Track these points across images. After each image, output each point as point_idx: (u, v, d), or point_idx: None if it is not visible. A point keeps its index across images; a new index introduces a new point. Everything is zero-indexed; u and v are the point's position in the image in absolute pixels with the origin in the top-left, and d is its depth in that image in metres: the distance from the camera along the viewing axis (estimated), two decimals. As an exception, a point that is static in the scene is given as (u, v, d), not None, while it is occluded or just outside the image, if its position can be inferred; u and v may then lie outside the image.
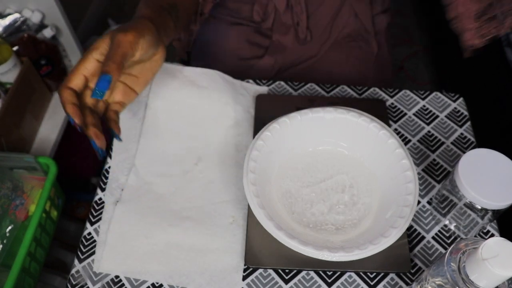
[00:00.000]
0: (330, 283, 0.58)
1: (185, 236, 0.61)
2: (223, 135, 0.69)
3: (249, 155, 0.60)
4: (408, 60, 1.88)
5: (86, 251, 0.61)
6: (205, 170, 0.67)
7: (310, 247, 0.53)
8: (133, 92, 0.60)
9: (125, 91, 0.59)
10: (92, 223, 0.63)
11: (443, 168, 0.68)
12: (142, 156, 0.67)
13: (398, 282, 0.59)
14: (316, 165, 0.66)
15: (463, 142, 0.71)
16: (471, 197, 0.54)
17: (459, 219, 0.60)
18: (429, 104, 0.75)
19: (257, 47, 0.90)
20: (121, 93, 0.59)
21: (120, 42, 0.52)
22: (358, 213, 0.61)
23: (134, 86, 0.60)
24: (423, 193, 0.66)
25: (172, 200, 0.64)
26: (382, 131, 0.63)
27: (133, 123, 0.70)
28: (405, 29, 1.96)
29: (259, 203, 0.56)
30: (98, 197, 0.65)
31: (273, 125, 0.63)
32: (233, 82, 0.74)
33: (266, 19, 0.87)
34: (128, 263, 0.59)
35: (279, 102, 0.73)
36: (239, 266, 0.59)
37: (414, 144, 0.71)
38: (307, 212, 0.61)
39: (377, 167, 0.64)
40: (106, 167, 0.68)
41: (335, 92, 0.77)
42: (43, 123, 1.00)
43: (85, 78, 0.54)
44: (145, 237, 0.61)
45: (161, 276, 0.58)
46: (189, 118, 0.70)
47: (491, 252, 0.40)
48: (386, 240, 0.54)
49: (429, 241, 0.62)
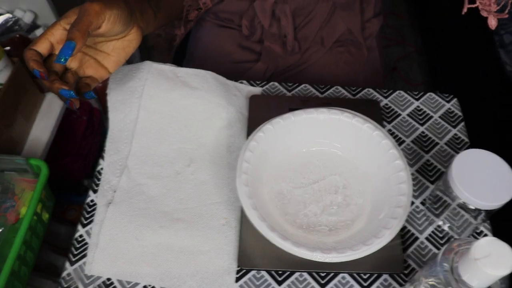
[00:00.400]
0: (324, 284, 0.58)
1: (177, 238, 0.60)
2: (216, 136, 0.69)
3: (243, 156, 0.60)
4: (402, 61, 1.88)
5: (77, 253, 0.60)
6: (197, 172, 0.66)
7: (303, 248, 0.53)
8: (104, 69, 0.61)
9: (95, 66, 0.60)
10: (84, 225, 0.63)
11: (437, 169, 0.68)
12: (134, 158, 0.67)
13: (391, 283, 0.58)
14: (309, 166, 0.65)
15: (456, 142, 0.71)
16: (464, 197, 0.54)
17: (452, 220, 0.60)
18: (423, 104, 0.75)
19: (249, 52, 0.90)
20: (91, 67, 0.60)
21: (86, 10, 0.54)
22: (351, 214, 0.61)
23: (105, 63, 0.61)
24: (416, 194, 0.66)
25: (163, 201, 0.64)
26: (375, 131, 0.63)
27: (125, 124, 0.69)
28: (398, 30, 1.96)
29: (252, 204, 0.56)
30: (90, 199, 0.65)
31: (266, 126, 0.63)
32: (227, 83, 0.74)
33: (254, 32, 0.87)
34: (119, 265, 0.58)
35: (272, 103, 0.73)
36: (231, 268, 0.59)
37: (408, 145, 0.71)
38: (300, 213, 0.61)
39: (370, 168, 0.64)
40: (99, 169, 0.67)
41: (328, 93, 0.76)
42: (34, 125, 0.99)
43: (51, 44, 0.56)
44: (136, 239, 0.60)
45: (152, 278, 0.58)
46: (182, 119, 0.69)
47: (483, 252, 0.40)
48: (379, 241, 0.54)
49: (422, 242, 0.62)
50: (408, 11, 2.03)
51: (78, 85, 0.59)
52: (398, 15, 2.01)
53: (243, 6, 0.85)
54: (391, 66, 1.85)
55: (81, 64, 0.60)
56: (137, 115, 0.69)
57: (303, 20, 0.85)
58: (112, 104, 0.69)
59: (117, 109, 0.69)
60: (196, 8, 0.85)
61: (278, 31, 0.86)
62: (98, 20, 0.54)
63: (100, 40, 0.60)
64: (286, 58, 0.88)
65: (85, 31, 0.53)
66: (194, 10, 0.85)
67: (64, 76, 0.58)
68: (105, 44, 0.61)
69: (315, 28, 0.86)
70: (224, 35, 0.91)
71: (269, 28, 0.85)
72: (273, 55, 0.88)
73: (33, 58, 0.54)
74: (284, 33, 0.85)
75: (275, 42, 0.87)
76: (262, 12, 0.83)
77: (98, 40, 0.60)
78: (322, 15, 0.85)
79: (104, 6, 0.54)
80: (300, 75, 0.89)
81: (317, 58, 0.89)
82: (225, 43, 0.91)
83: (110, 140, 0.69)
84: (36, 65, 0.53)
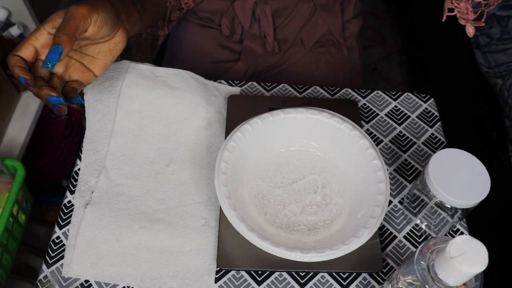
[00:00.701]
0: (303, 283, 0.58)
1: (157, 239, 0.60)
2: (195, 136, 0.69)
3: (221, 156, 0.60)
4: (382, 61, 1.90)
5: (54, 255, 0.60)
6: (177, 172, 0.66)
7: (282, 248, 0.53)
8: (90, 72, 0.60)
9: (82, 70, 0.59)
10: (61, 226, 0.62)
11: (415, 168, 0.69)
12: (112, 158, 0.66)
13: (370, 281, 0.59)
14: (289, 165, 0.65)
15: (433, 142, 0.72)
16: (441, 196, 0.55)
17: (430, 218, 0.61)
18: (400, 104, 0.76)
19: (229, 51, 0.89)
20: (77, 71, 0.59)
21: (73, 13, 0.52)
22: (330, 213, 0.62)
23: (91, 67, 0.60)
24: (394, 193, 0.67)
25: (143, 202, 0.63)
26: (353, 131, 0.63)
27: (103, 124, 0.69)
28: (378, 31, 1.98)
29: (231, 204, 0.56)
30: (67, 200, 0.64)
31: (244, 126, 0.63)
32: (205, 83, 0.73)
33: (235, 32, 0.87)
34: (98, 267, 0.58)
35: (251, 103, 0.73)
36: (211, 268, 0.58)
37: (386, 144, 0.72)
38: (279, 213, 0.61)
39: (349, 167, 0.64)
40: (76, 169, 0.66)
41: (307, 93, 0.77)
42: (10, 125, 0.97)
43: (35, 49, 0.54)
44: (116, 240, 0.59)
45: (132, 280, 0.57)
46: (161, 119, 0.69)
47: (458, 250, 0.41)
48: (357, 240, 0.54)
49: (400, 241, 0.63)
50: (388, 11, 2.05)
51: (65, 90, 0.58)
52: (378, 16, 2.03)
53: (224, 6, 0.85)
54: (371, 66, 1.86)
55: (66, 68, 0.59)
56: (114, 115, 0.68)
57: (283, 21, 0.86)
58: (89, 104, 0.68)
59: (95, 109, 0.68)
60: (179, 8, 0.85)
61: (259, 31, 0.86)
62: (85, 24, 0.53)
63: (86, 43, 0.59)
64: (267, 58, 0.89)
65: (72, 35, 0.52)
66: (176, 10, 0.85)
67: (50, 81, 0.57)
68: (91, 47, 0.60)
69: (295, 29, 0.87)
70: (205, 34, 0.90)
71: (249, 28, 0.85)
72: (253, 55, 0.88)
73: (18, 65, 0.52)
74: (264, 33, 0.86)
75: (255, 42, 0.87)
76: (243, 13, 0.83)
77: (83, 43, 0.59)
78: (302, 16, 0.86)
79: (91, 9, 0.53)
80: (281, 76, 0.89)
81: (297, 58, 0.89)
82: (206, 43, 0.90)
83: (87, 140, 0.68)
84: (21, 72, 0.52)
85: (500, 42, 1.28)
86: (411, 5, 1.84)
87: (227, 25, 0.86)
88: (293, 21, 0.86)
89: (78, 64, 0.59)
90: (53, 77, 0.57)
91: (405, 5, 1.90)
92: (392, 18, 2.03)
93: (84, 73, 0.60)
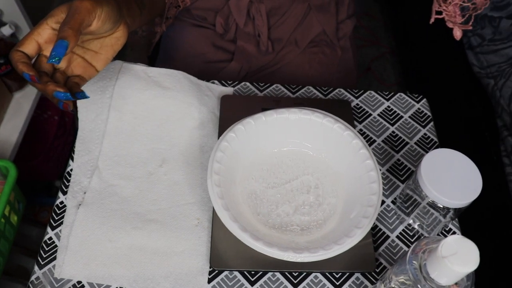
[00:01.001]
0: (296, 284, 0.58)
1: (150, 239, 0.60)
2: (188, 136, 0.68)
3: (214, 156, 0.60)
4: (376, 62, 1.90)
5: (46, 256, 0.59)
6: (170, 172, 0.66)
7: (275, 248, 0.53)
8: (92, 67, 0.60)
9: (84, 65, 0.59)
10: (54, 227, 0.61)
11: (407, 168, 0.70)
12: (105, 158, 0.66)
13: (363, 281, 0.59)
14: (281, 166, 0.66)
15: (426, 142, 0.73)
16: (433, 196, 0.55)
17: (422, 218, 0.61)
18: (393, 105, 0.77)
19: (222, 51, 0.89)
20: (80, 67, 0.59)
21: (77, 8, 0.52)
22: (323, 213, 0.62)
23: (93, 62, 0.60)
24: (387, 193, 0.67)
25: (136, 202, 0.63)
26: (346, 131, 0.63)
27: (96, 124, 0.68)
28: (372, 31, 1.99)
29: (224, 204, 0.56)
30: (59, 201, 0.64)
31: (237, 126, 0.63)
32: (198, 83, 0.73)
33: (229, 30, 0.87)
34: (91, 268, 0.58)
35: (244, 103, 0.73)
36: (204, 269, 0.58)
37: (379, 145, 0.72)
38: (272, 213, 0.61)
39: (341, 167, 0.64)
40: (68, 170, 0.66)
41: (300, 93, 0.77)
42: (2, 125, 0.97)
43: (38, 44, 0.54)
44: (108, 240, 0.59)
45: (125, 281, 0.57)
46: (154, 119, 0.69)
47: (450, 249, 0.41)
48: (350, 240, 0.54)
49: (393, 240, 0.63)
50: (382, 12, 2.06)
51: (67, 85, 0.57)
52: (372, 16, 2.04)
53: (219, 4, 0.85)
54: (365, 66, 1.87)
55: (69, 64, 0.58)
56: (107, 115, 0.68)
57: (278, 20, 0.86)
58: (82, 104, 0.68)
59: (87, 109, 0.68)
60: (175, 6, 0.85)
61: (253, 30, 0.86)
62: (90, 18, 0.53)
63: (88, 38, 0.59)
64: (260, 58, 0.89)
65: (78, 29, 0.51)
66: (173, 8, 0.85)
67: (53, 76, 0.56)
68: (93, 42, 0.59)
69: (289, 29, 0.87)
70: (198, 34, 0.90)
71: (243, 27, 0.85)
72: (247, 54, 0.88)
73: (22, 60, 0.51)
74: (258, 32, 0.86)
75: (249, 42, 0.87)
76: (238, 11, 0.83)
77: (86, 38, 0.59)
78: (297, 16, 0.86)
79: (95, 3, 0.53)
80: (274, 75, 0.89)
81: (291, 58, 0.89)
82: (199, 43, 0.90)
83: (80, 141, 0.67)
84: (26, 68, 0.51)
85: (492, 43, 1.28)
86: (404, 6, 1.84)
87: (221, 24, 0.86)
88: (287, 21, 0.86)
89: (80, 59, 0.59)
90: (56, 72, 0.57)
91: (398, 6, 1.91)
92: (385, 19, 2.04)
93: (86, 68, 0.59)
